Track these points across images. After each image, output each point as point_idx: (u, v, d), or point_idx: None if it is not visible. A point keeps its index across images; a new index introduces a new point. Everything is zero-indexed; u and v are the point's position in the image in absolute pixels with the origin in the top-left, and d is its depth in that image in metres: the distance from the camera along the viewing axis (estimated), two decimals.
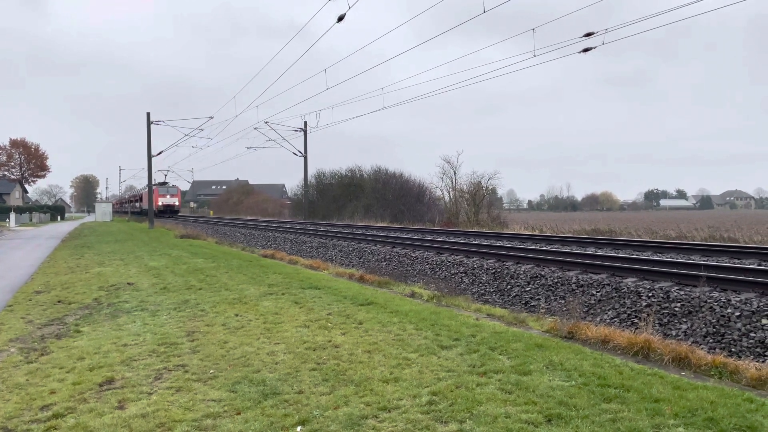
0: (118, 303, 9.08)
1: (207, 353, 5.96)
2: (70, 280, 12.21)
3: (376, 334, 6.59)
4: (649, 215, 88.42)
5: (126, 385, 5.01)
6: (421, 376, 5.05)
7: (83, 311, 8.56)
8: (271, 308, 8.30)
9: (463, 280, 12.80)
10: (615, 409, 4.18)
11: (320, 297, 9.18)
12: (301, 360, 5.62)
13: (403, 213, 42.77)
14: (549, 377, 4.95)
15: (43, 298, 9.88)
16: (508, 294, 11.30)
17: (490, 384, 4.79)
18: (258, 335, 6.69)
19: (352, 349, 5.95)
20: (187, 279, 11.70)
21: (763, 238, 20.80)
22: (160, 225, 41.87)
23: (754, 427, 3.85)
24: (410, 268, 15.00)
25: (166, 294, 9.84)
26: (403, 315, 7.61)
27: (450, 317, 7.49)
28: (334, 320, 7.41)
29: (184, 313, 8.14)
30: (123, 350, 6.17)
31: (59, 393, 4.85)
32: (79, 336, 6.95)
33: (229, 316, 7.85)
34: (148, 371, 5.40)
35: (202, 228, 38.39)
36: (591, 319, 8.58)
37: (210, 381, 5.06)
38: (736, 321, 7.39)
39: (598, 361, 5.42)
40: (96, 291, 10.46)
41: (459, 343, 6.12)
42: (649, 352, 5.81)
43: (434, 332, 6.62)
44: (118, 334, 6.96)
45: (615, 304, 9.11)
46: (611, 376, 4.92)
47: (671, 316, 8.16)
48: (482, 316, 7.78)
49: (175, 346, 6.27)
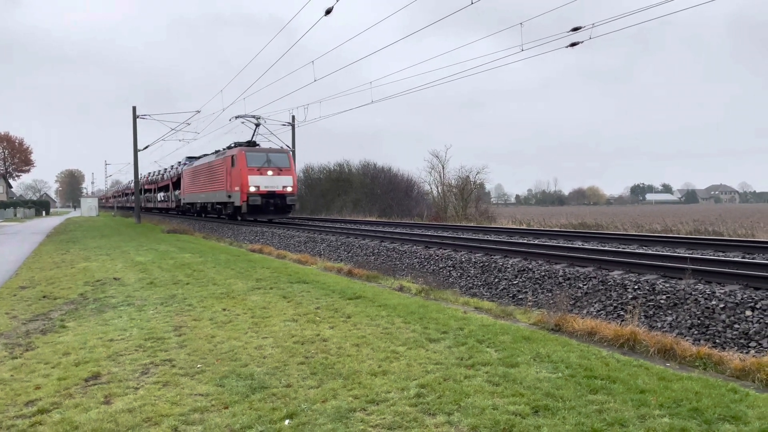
0: (104, 298, 9.01)
1: (194, 348, 5.93)
2: (55, 275, 12.09)
3: (364, 328, 6.59)
4: (636, 209, 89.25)
5: (112, 380, 4.97)
6: (409, 369, 5.06)
7: (69, 306, 8.48)
8: (259, 302, 8.27)
9: (451, 273, 12.84)
10: (601, 400, 4.22)
11: (308, 291, 9.17)
12: (289, 354, 5.61)
13: (392, 207, 42.84)
14: (536, 369, 4.98)
15: (28, 294, 9.78)
16: (495, 287, 11.35)
17: (477, 376, 4.81)
18: (246, 329, 6.67)
19: (341, 343, 5.95)
20: (174, 274, 11.62)
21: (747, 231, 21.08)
22: (147, 220, 41.51)
23: (738, 416, 3.91)
24: (399, 262, 15.01)
25: (152, 289, 9.77)
26: (391, 308, 7.62)
27: (438, 310, 7.51)
28: (322, 314, 7.40)
29: (171, 307, 8.09)
30: (109, 345, 6.12)
31: (44, 388, 4.81)
32: (64, 331, 6.88)
33: (216, 310, 7.81)
34: (134, 366, 5.36)
35: (189, 223, 38.16)
36: (578, 312, 8.64)
37: (197, 375, 5.04)
38: (721, 313, 7.48)
39: (584, 353, 5.47)
40: (82, 286, 10.36)
41: (447, 336, 6.14)
42: (635, 344, 5.87)
43: (422, 325, 6.63)
44: (104, 329, 6.90)
45: (601, 296, 9.18)
46: (597, 368, 4.97)
47: (657, 308, 8.24)
48: (470, 309, 7.81)
49: (162, 341, 6.23)
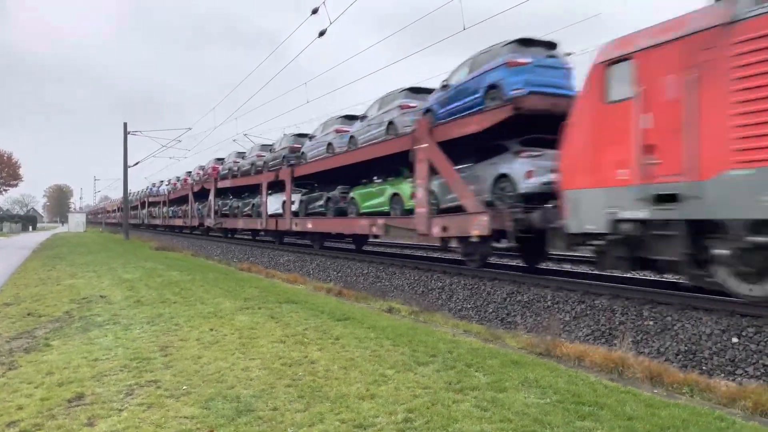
0: (89, 316, 8.90)
1: (180, 369, 5.86)
2: (40, 292, 11.95)
3: (353, 350, 6.55)
4: None
5: (96, 401, 4.90)
6: (397, 392, 5.03)
7: (54, 324, 8.37)
8: (246, 323, 8.21)
9: (440, 296, 12.83)
10: (589, 427, 4.21)
11: (297, 312, 9.11)
12: (276, 376, 5.57)
13: None
14: (524, 394, 4.97)
15: (13, 311, 9.65)
16: (484, 310, 11.34)
17: (466, 401, 4.79)
18: (233, 350, 6.61)
19: (329, 365, 5.91)
20: (161, 292, 11.52)
21: None
22: (135, 237, 41.24)
23: None
24: (388, 283, 14.99)
25: (139, 307, 9.67)
26: (380, 330, 7.59)
27: (427, 333, 7.49)
28: (310, 335, 7.35)
29: (158, 327, 8.01)
30: (94, 365, 6.04)
31: (27, 409, 4.73)
32: (48, 350, 6.79)
33: (203, 330, 7.74)
34: (119, 387, 5.29)
35: (177, 240, 37.95)
36: (566, 336, 8.65)
37: (183, 397, 4.98)
38: (707, 339, 7.52)
39: (572, 379, 5.46)
40: (67, 304, 10.24)
41: (436, 360, 6.12)
42: (623, 370, 5.88)
43: (411, 348, 6.61)
44: (89, 348, 6.81)
45: (589, 321, 9.20)
46: (586, 394, 4.96)
47: (645, 334, 8.27)
48: (459, 332, 7.79)
49: (148, 361, 6.16)
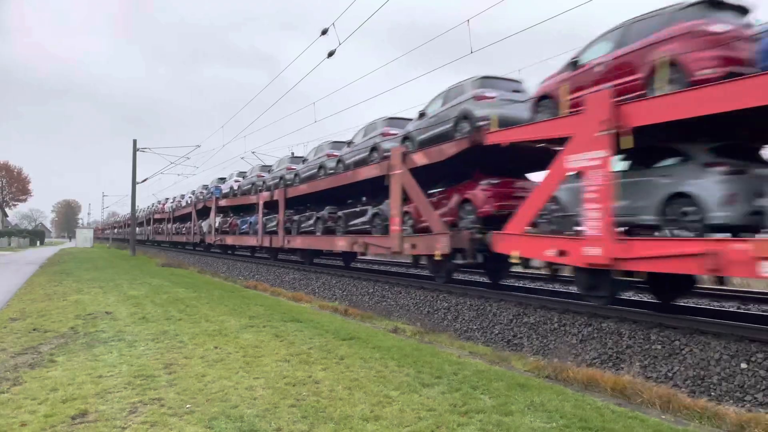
0: (94, 332, 8.90)
1: (184, 387, 5.84)
2: (46, 307, 11.97)
3: (357, 370, 6.51)
4: None
5: (99, 418, 4.89)
6: (401, 414, 4.99)
7: (59, 340, 8.37)
8: (251, 341, 8.18)
9: (446, 316, 12.76)
10: None
11: (302, 330, 9.08)
12: (280, 395, 5.53)
13: None
14: (530, 418, 4.92)
15: (18, 326, 9.66)
16: (490, 331, 11.27)
17: (471, 424, 4.74)
18: (237, 369, 6.58)
19: (333, 386, 5.88)
20: (166, 309, 11.52)
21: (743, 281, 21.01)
22: (141, 252, 41.37)
23: None
24: (394, 302, 14.93)
25: (144, 324, 9.67)
26: (385, 351, 7.54)
27: (432, 354, 7.44)
28: (315, 355, 7.32)
29: (163, 344, 7.99)
30: (98, 382, 6.03)
31: (30, 425, 4.72)
32: (53, 366, 6.78)
33: (208, 348, 7.72)
34: (122, 404, 5.27)
35: (183, 256, 38.04)
36: (573, 359, 8.56)
37: (186, 416, 4.95)
38: (716, 365, 7.43)
39: (579, 403, 5.40)
40: (73, 319, 10.25)
41: (441, 381, 6.07)
42: (631, 395, 5.81)
43: (416, 369, 6.56)
44: (94, 364, 6.80)
45: (596, 344, 9.12)
46: (593, 419, 4.90)
47: (653, 358, 8.19)
48: (465, 354, 7.73)
49: (152, 379, 6.14)
